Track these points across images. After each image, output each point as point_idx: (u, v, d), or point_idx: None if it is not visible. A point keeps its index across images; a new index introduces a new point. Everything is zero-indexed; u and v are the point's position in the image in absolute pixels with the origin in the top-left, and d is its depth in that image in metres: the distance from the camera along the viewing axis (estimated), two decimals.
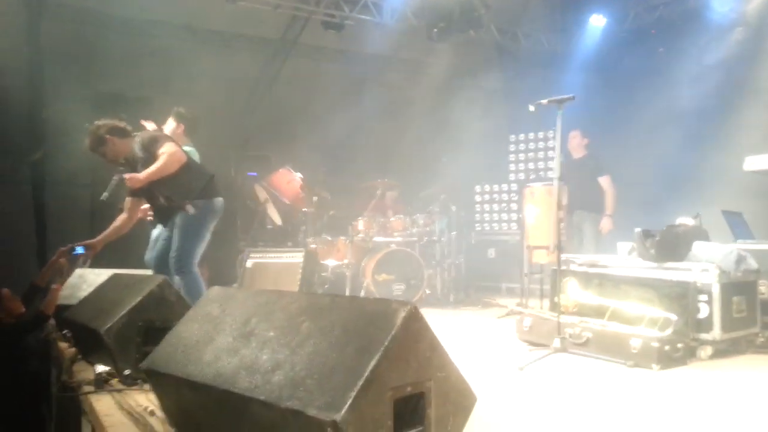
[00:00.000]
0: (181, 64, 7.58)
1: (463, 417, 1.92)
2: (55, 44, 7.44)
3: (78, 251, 4.15)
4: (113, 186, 4.10)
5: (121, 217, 4.41)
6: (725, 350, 4.08)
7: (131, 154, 4.27)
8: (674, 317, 3.88)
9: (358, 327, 1.77)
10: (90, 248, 4.21)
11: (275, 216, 7.95)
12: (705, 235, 4.69)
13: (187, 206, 4.22)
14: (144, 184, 4.06)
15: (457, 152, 8.42)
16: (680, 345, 3.76)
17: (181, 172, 4.19)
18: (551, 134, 8.54)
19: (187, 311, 2.50)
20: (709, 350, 3.97)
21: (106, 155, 4.26)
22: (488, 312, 6.60)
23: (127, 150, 4.27)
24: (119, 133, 4.25)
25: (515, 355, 3.99)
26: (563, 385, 3.40)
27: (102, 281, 3.83)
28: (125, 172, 4.13)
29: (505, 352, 4.23)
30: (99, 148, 4.22)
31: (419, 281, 7.06)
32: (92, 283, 4.30)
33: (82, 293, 4.20)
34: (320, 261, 6.92)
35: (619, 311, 4.22)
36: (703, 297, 4.02)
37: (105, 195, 4.10)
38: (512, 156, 9.47)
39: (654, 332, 3.81)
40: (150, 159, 4.13)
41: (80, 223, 6.95)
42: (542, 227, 6.03)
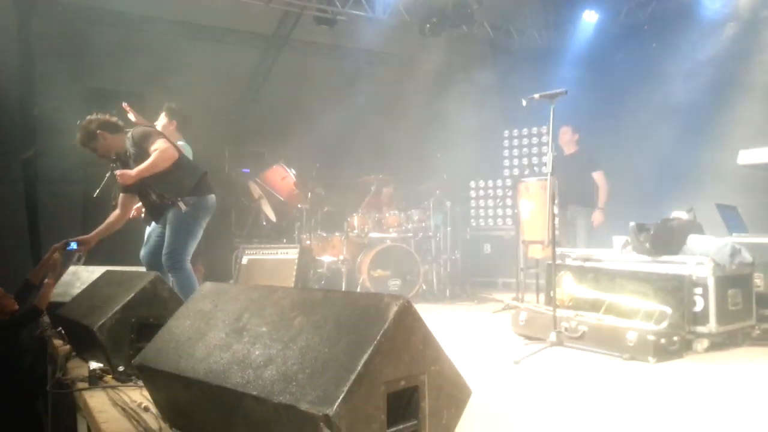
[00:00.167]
0: (174, 60, 7.55)
1: (458, 410, 1.91)
2: (46, 41, 7.41)
3: (72, 247, 4.13)
4: (105, 182, 4.09)
5: (115, 213, 4.41)
6: (721, 343, 4.09)
7: (123, 150, 4.25)
8: (670, 310, 3.88)
9: (351, 321, 1.76)
10: (84, 244, 4.20)
11: (270, 212, 7.93)
12: (699, 229, 4.69)
13: (180, 203, 4.20)
14: (135, 181, 4.04)
15: (452, 148, 8.41)
16: (676, 338, 3.76)
17: (173, 169, 4.16)
18: (545, 129, 8.54)
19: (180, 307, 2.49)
20: (705, 343, 3.98)
21: (97, 150, 4.23)
22: (484, 307, 6.59)
23: (119, 145, 4.25)
24: (110, 128, 4.23)
25: (511, 349, 3.99)
26: (559, 379, 3.40)
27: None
28: (117, 168, 4.11)
29: (501, 346, 4.22)
30: (90, 143, 4.20)
31: (415, 277, 7.07)
32: (86, 281, 4.30)
33: (76, 291, 4.19)
34: (316, 257, 6.92)
35: (615, 305, 4.21)
36: (699, 290, 4.02)
37: (97, 192, 4.09)
38: (506, 151, 9.50)
39: (650, 325, 3.80)
40: (141, 155, 4.11)
41: (73, 220, 6.91)
42: (537, 222, 6.03)
